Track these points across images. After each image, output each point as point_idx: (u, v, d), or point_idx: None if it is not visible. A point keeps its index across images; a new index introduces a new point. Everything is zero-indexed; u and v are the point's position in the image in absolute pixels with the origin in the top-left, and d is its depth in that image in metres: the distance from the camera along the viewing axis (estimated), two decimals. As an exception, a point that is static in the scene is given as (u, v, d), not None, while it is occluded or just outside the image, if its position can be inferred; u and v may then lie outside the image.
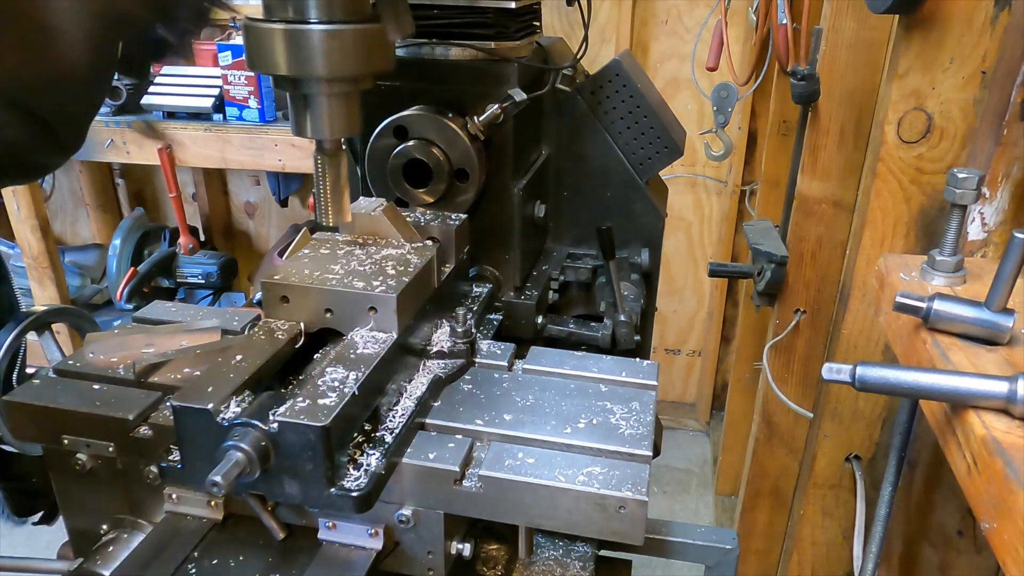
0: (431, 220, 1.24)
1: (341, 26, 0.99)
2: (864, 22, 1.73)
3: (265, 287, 1.01)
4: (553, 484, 0.90)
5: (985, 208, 1.12)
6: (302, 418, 0.81)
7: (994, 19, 1.09)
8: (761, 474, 2.27)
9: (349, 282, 1.00)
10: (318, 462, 0.82)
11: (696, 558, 1.19)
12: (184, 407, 0.84)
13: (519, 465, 0.93)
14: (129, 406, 1.01)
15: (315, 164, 1.11)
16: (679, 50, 3.31)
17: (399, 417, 0.97)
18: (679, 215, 3.56)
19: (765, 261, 2.05)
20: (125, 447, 1.01)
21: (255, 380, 0.90)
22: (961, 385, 0.72)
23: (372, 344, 0.96)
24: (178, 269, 3.33)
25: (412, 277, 1.03)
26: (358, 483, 0.85)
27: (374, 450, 0.90)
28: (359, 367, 0.91)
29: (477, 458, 0.96)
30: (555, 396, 1.06)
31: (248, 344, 0.96)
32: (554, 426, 0.99)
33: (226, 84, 2.92)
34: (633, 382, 1.10)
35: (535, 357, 1.17)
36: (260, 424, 0.82)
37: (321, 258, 1.08)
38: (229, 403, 0.85)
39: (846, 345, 1.38)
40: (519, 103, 1.29)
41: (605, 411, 1.03)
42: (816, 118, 1.88)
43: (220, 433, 0.82)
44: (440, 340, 1.14)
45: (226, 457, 0.79)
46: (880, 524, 1.24)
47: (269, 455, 0.83)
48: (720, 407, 3.70)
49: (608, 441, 0.96)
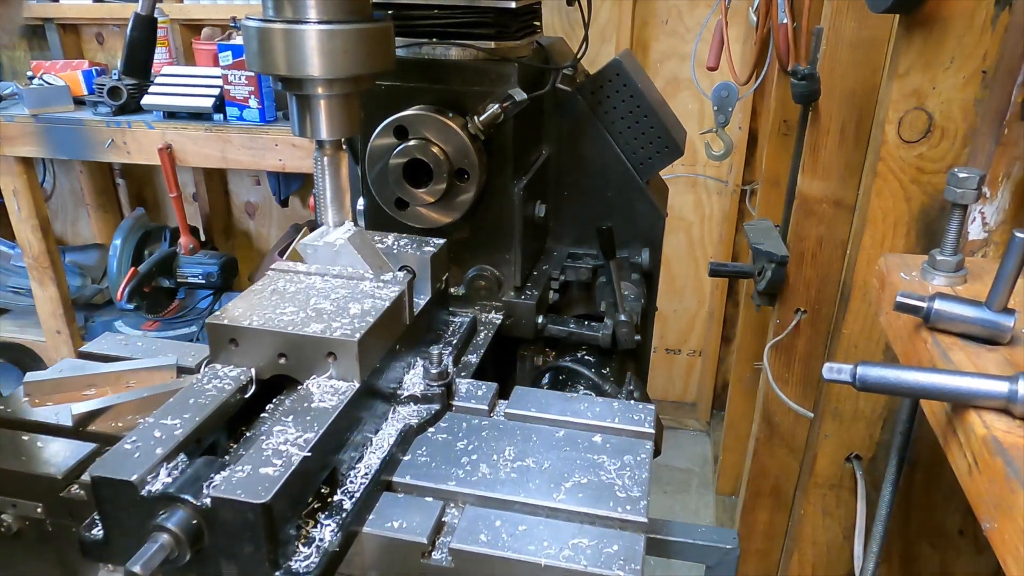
0: (404, 247, 1.15)
1: (341, 26, 0.99)
2: (864, 21, 1.73)
3: (211, 328, 0.90)
4: (534, 560, 0.80)
5: (986, 208, 1.12)
6: (239, 493, 0.71)
7: (995, 19, 1.09)
8: (762, 474, 2.27)
9: (306, 324, 0.89)
10: (259, 543, 0.72)
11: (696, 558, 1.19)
12: (103, 478, 0.73)
13: (496, 536, 0.83)
14: (60, 461, 0.89)
15: (315, 164, 1.11)
16: (679, 50, 3.31)
17: (361, 477, 0.88)
18: (680, 215, 3.56)
19: (766, 261, 2.04)
20: (55, 508, 0.89)
21: (193, 440, 0.80)
22: (962, 385, 0.72)
23: (330, 395, 0.86)
24: (179, 269, 3.33)
25: (378, 317, 0.92)
26: (308, 564, 0.75)
27: (330, 520, 0.81)
28: (312, 425, 0.81)
29: (450, 524, 0.86)
30: (540, 447, 0.96)
31: (188, 397, 0.85)
32: (538, 485, 0.89)
33: (226, 84, 2.92)
34: (627, 429, 1.00)
35: (519, 399, 1.06)
36: (191, 499, 0.72)
37: (277, 294, 0.97)
38: (159, 471, 0.75)
39: (847, 345, 1.38)
40: (519, 103, 1.29)
41: (596, 466, 0.93)
42: (816, 118, 1.88)
43: (145, 508, 0.73)
44: (413, 383, 1.03)
45: (150, 540, 0.70)
46: (881, 524, 1.23)
47: (202, 534, 0.72)
48: (720, 407, 3.70)
49: (599, 504, 0.86)
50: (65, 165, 4.06)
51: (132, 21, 1.21)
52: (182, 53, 3.56)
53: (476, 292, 1.44)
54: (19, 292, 3.79)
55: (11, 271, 3.81)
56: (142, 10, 1.20)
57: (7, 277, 3.83)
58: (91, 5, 3.60)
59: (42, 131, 3.08)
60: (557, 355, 1.50)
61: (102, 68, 3.43)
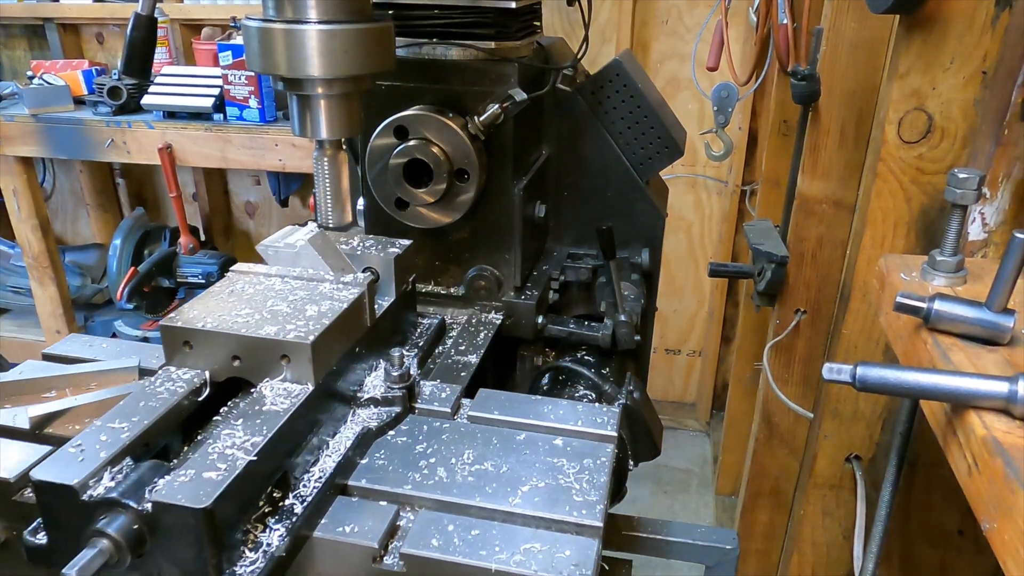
0: (368, 248, 1.14)
1: (341, 26, 0.99)
2: (864, 22, 1.73)
3: (164, 331, 0.90)
4: (484, 565, 0.80)
5: (986, 208, 1.12)
6: (179, 498, 0.71)
7: (995, 19, 1.09)
8: (761, 474, 2.27)
9: (260, 326, 0.89)
10: (201, 548, 0.72)
11: (696, 558, 1.19)
12: (43, 482, 0.73)
13: (448, 541, 0.82)
14: (12, 465, 0.88)
15: (315, 164, 1.11)
16: (679, 50, 3.31)
17: (315, 481, 0.87)
18: (679, 215, 3.56)
19: (765, 261, 2.04)
20: (8, 513, 0.88)
21: (140, 444, 0.80)
22: (962, 385, 0.72)
23: (283, 399, 0.86)
24: (178, 269, 3.33)
25: (335, 318, 0.92)
26: (253, 569, 0.74)
27: (279, 524, 0.80)
28: (261, 429, 0.80)
29: (404, 529, 0.86)
30: (500, 451, 0.96)
31: (138, 400, 0.84)
32: (495, 489, 0.89)
33: (226, 84, 2.92)
34: (589, 432, 1.00)
35: (482, 402, 1.05)
36: (132, 504, 0.71)
37: (235, 296, 0.97)
38: (102, 475, 0.74)
39: (846, 345, 1.38)
40: (520, 103, 1.29)
41: (554, 469, 0.92)
42: (816, 118, 1.88)
43: (86, 512, 0.72)
44: (374, 385, 1.02)
45: (89, 545, 0.69)
46: (880, 524, 1.23)
47: (144, 540, 0.72)
48: (720, 407, 3.70)
49: (554, 508, 0.86)
50: (65, 165, 4.06)
51: (132, 21, 1.21)
52: (182, 53, 3.56)
53: (476, 292, 1.44)
54: (19, 292, 3.79)
55: (11, 271, 3.81)
56: (142, 10, 1.20)
57: (7, 277, 3.83)
58: (91, 5, 3.60)
59: (42, 131, 3.08)
60: (557, 355, 1.50)
61: (102, 68, 3.43)
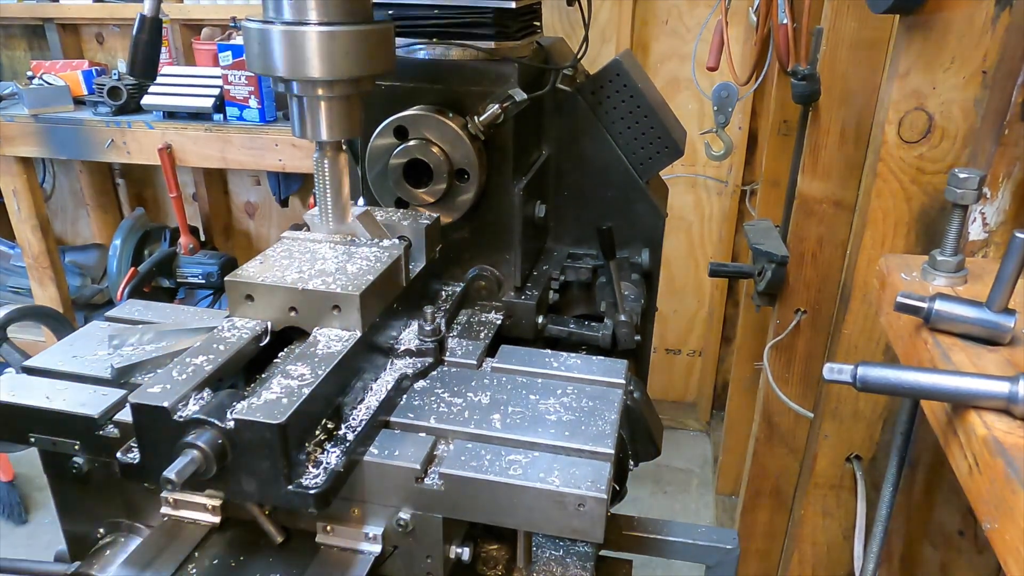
0: (401, 219, 1.23)
1: (341, 28, 0.99)
2: (865, 22, 1.73)
3: (229, 285, 1.00)
4: (513, 482, 0.90)
5: (986, 208, 1.12)
6: (258, 416, 0.81)
7: (995, 19, 1.09)
8: (761, 474, 2.26)
9: (314, 281, 0.99)
10: (275, 460, 0.81)
11: (697, 558, 1.20)
12: (141, 404, 0.83)
13: (480, 464, 0.93)
14: (95, 404, 1.00)
15: (316, 165, 1.12)
16: (679, 50, 3.31)
17: (362, 415, 0.97)
18: (680, 215, 3.56)
19: (766, 261, 2.04)
20: (92, 446, 0.99)
21: (216, 378, 0.90)
22: (962, 385, 0.72)
23: (336, 343, 0.96)
24: (178, 269, 3.33)
25: (377, 276, 1.02)
26: (316, 481, 0.84)
27: (335, 448, 0.90)
28: (320, 366, 0.91)
29: (440, 456, 0.96)
30: (521, 394, 1.06)
31: (211, 342, 0.95)
32: (518, 424, 0.99)
33: (226, 84, 2.92)
34: (600, 380, 1.10)
35: (505, 356, 1.17)
36: (217, 422, 0.81)
37: (288, 256, 1.07)
38: (188, 400, 0.84)
39: (847, 345, 1.38)
40: (520, 103, 1.29)
41: (570, 409, 1.02)
42: (817, 118, 1.88)
43: (177, 430, 0.82)
44: (408, 339, 1.13)
45: (182, 454, 0.79)
46: (881, 524, 1.23)
47: (226, 453, 0.82)
48: (720, 407, 3.70)
49: (571, 439, 0.96)
50: (65, 165, 4.06)
51: (138, 23, 1.22)
52: (182, 53, 3.56)
53: (476, 292, 1.44)
54: (19, 292, 3.79)
55: (11, 271, 3.81)
56: (148, 11, 1.21)
57: (7, 277, 3.83)
58: (91, 5, 3.60)
59: (42, 131, 3.08)
60: (557, 355, 1.50)
61: (102, 68, 3.43)
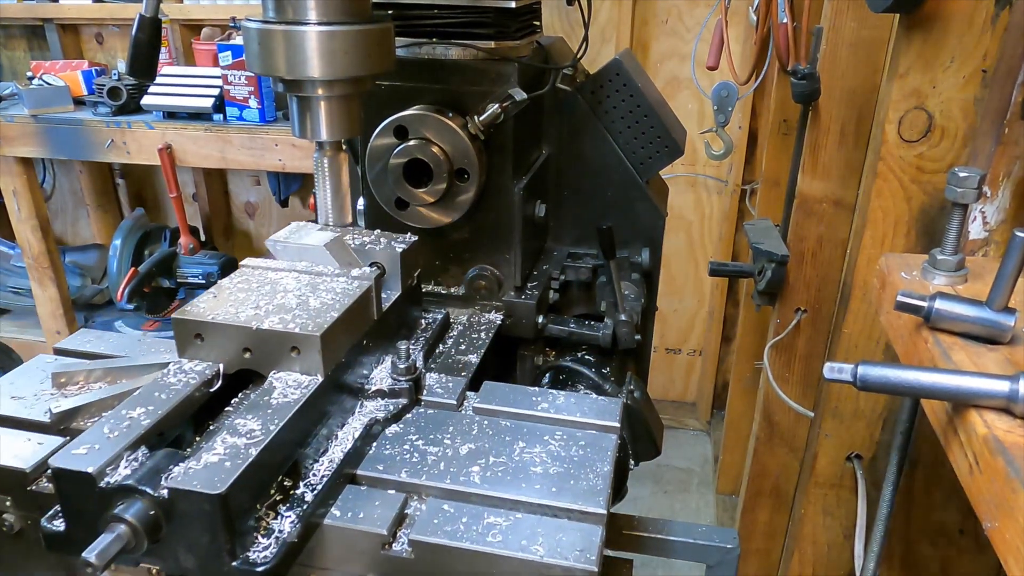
0: (374, 243, 1.15)
1: (341, 27, 0.99)
2: (864, 21, 1.73)
3: (176, 323, 0.92)
4: (491, 551, 0.81)
5: (986, 207, 1.12)
6: (195, 484, 0.72)
7: (995, 18, 1.09)
8: (762, 473, 2.27)
9: (270, 319, 0.90)
10: (216, 533, 0.73)
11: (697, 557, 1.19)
12: (63, 470, 0.74)
13: (456, 528, 0.84)
14: (29, 455, 0.90)
15: (315, 165, 1.11)
16: (679, 49, 3.31)
17: (324, 470, 0.88)
18: (679, 214, 3.56)
19: (766, 260, 2.04)
20: (23, 502, 0.90)
21: (155, 432, 0.82)
22: (963, 384, 0.72)
23: (293, 390, 0.87)
24: (178, 269, 3.33)
25: (343, 311, 0.93)
26: (266, 554, 0.76)
27: (290, 511, 0.81)
28: (273, 419, 0.82)
29: (411, 517, 0.87)
30: (504, 442, 0.97)
31: (153, 390, 0.87)
32: (500, 478, 0.90)
33: (226, 84, 2.92)
34: (592, 423, 1.01)
35: (487, 394, 1.07)
36: (148, 490, 0.73)
37: (245, 290, 0.98)
38: (119, 463, 0.76)
39: (847, 344, 1.38)
40: (519, 103, 1.29)
41: (559, 459, 0.94)
42: (816, 117, 1.88)
43: (104, 500, 0.74)
44: (380, 377, 1.04)
45: (107, 530, 0.71)
46: (881, 523, 1.23)
47: (160, 525, 0.74)
48: (721, 406, 3.70)
49: (559, 496, 0.87)
50: (65, 165, 4.06)
51: (137, 22, 1.21)
52: (182, 53, 3.56)
53: (476, 292, 1.44)
54: (19, 292, 3.79)
55: (11, 271, 3.81)
56: (147, 11, 1.20)
57: (7, 277, 3.83)
58: (91, 5, 3.60)
59: (42, 131, 3.07)
60: (557, 355, 1.50)
61: (102, 68, 3.43)
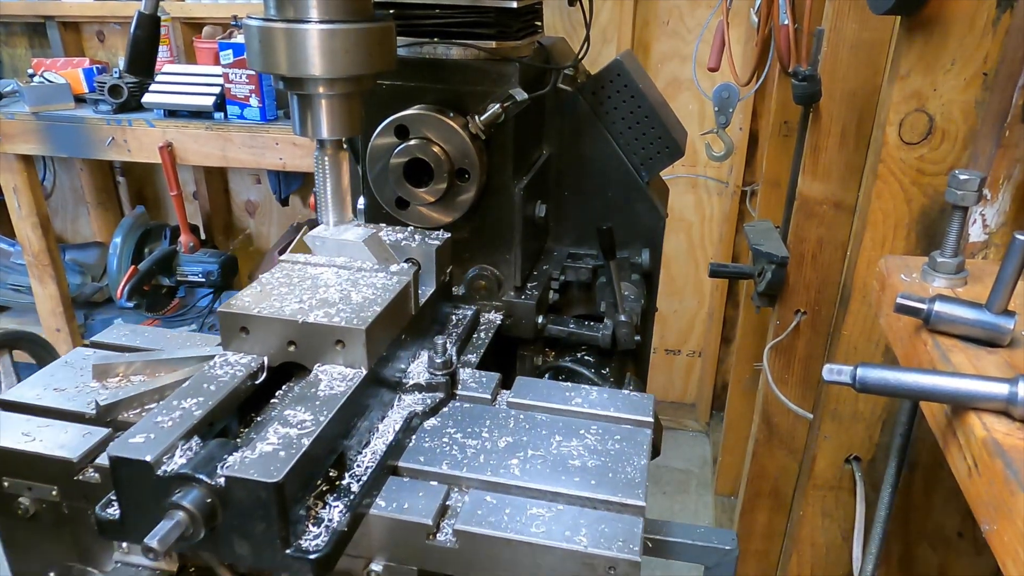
0: (408, 240, 1.17)
1: (342, 26, 0.99)
2: (866, 23, 1.73)
3: (222, 316, 0.92)
4: (535, 541, 0.82)
5: (986, 210, 1.12)
6: (252, 473, 0.73)
7: (996, 21, 1.09)
8: (761, 475, 2.27)
9: (315, 313, 0.91)
10: (271, 521, 0.74)
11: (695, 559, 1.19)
12: (121, 458, 0.75)
13: (498, 518, 0.85)
14: (75, 445, 0.92)
15: (316, 163, 1.11)
16: (680, 51, 3.31)
17: (368, 461, 0.89)
18: (680, 215, 3.56)
19: (766, 262, 2.04)
20: (70, 491, 0.92)
21: (206, 423, 0.82)
22: (962, 387, 0.72)
23: (339, 382, 0.88)
24: (179, 267, 3.33)
25: (385, 306, 0.94)
26: (317, 543, 0.77)
27: (338, 501, 0.82)
28: (322, 410, 0.83)
29: (453, 507, 0.88)
30: (541, 435, 0.98)
31: (201, 381, 0.87)
32: (539, 470, 0.91)
33: (227, 82, 2.92)
34: (627, 418, 1.02)
35: (521, 389, 1.08)
36: (206, 479, 0.74)
37: (287, 284, 0.99)
38: (174, 452, 0.77)
39: (846, 346, 1.38)
40: (520, 103, 1.29)
41: (596, 453, 0.94)
42: (817, 119, 1.88)
43: (161, 488, 0.74)
44: (417, 372, 1.05)
45: (166, 517, 0.72)
46: (880, 525, 1.23)
47: (216, 513, 0.74)
48: (720, 408, 3.70)
49: (598, 489, 0.88)
50: (65, 163, 4.06)
51: (136, 19, 1.21)
52: (183, 51, 3.56)
53: (476, 292, 1.44)
54: (19, 290, 3.79)
55: (11, 269, 3.81)
56: (146, 8, 1.20)
57: (7, 275, 3.83)
58: (92, 3, 3.60)
59: (43, 129, 3.07)
60: (557, 355, 1.50)
61: (103, 66, 3.43)
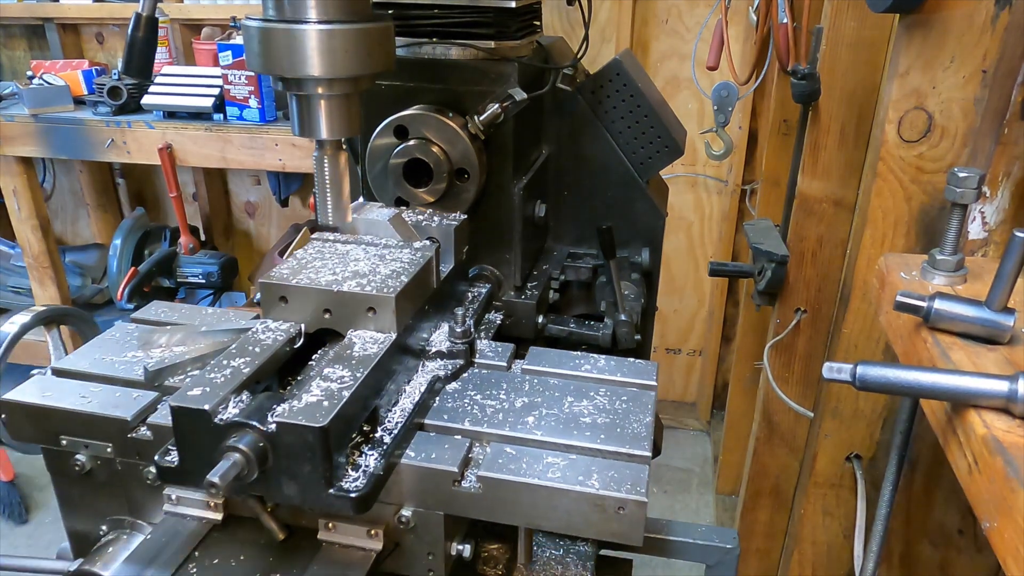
0: (428, 220, 1.24)
1: (341, 26, 0.99)
2: (864, 21, 1.73)
3: (264, 287, 1.01)
4: (551, 485, 0.90)
5: (986, 207, 1.12)
6: (300, 419, 0.81)
7: (995, 18, 1.09)
8: (762, 473, 2.27)
9: (348, 283, 1.00)
10: (316, 463, 0.82)
11: (697, 557, 1.20)
12: (181, 407, 0.83)
13: (517, 466, 0.93)
14: (128, 406, 1.01)
15: (315, 164, 1.11)
16: (679, 49, 3.31)
17: (398, 418, 0.97)
18: (680, 214, 3.56)
19: (766, 260, 2.05)
20: (124, 448, 1.01)
21: (253, 381, 0.90)
22: (962, 384, 0.72)
23: (372, 345, 0.96)
24: (179, 269, 3.33)
25: (411, 277, 1.02)
26: (356, 484, 0.85)
27: (372, 451, 0.90)
28: (358, 368, 0.90)
29: (475, 458, 0.96)
30: (554, 396, 1.06)
31: (246, 344, 0.96)
32: (553, 426, 0.99)
33: (226, 84, 2.92)
34: (632, 382, 1.10)
35: (534, 357, 1.16)
36: (258, 424, 0.81)
37: (320, 258, 1.08)
38: (228, 403, 0.85)
39: (847, 344, 1.38)
40: (519, 102, 1.29)
41: (605, 411, 1.02)
42: (816, 117, 1.88)
43: (218, 434, 0.82)
44: (439, 340, 1.14)
45: (224, 458, 0.79)
46: (881, 523, 1.23)
47: (267, 456, 0.82)
48: (721, 406, 3.70)
49: (607, 442, 0.96)
50: (65, 165, 4.06)
51: (133, 21, 1.21)
52: (182, 53, 3.56)
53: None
54: (19, 292, 3.79)
55: (11, 271, 3.81)
56: (143, 10, 1.20)
57: (7, 277, 3.83)
58: (91, 5, 3.60)
59: (42, 131, 3.08)
60: (557, 355, 1.50)
61: (102, 68, 3.43)
